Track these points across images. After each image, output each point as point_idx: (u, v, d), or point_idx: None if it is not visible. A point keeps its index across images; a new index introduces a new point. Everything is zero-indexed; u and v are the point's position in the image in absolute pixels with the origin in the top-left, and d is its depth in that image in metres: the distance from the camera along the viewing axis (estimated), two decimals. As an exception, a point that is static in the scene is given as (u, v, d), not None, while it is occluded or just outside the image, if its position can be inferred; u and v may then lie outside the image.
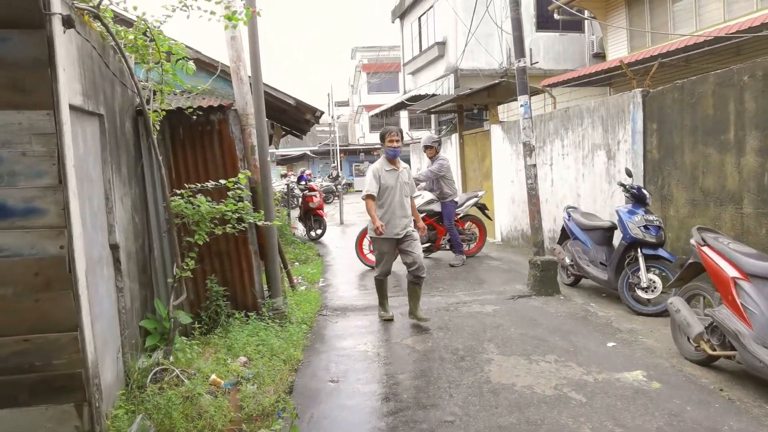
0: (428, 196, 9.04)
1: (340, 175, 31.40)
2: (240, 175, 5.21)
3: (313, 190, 13.17)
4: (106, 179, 4.20)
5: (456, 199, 8.95)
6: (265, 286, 6.14)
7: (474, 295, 6.64)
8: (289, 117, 11.27)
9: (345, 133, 53.26)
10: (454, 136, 13.14)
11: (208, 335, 5.26)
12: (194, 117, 5.56)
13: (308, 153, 40.07)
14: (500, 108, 11.48)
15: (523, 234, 10.21)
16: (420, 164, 17.19)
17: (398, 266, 6.22)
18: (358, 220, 16.73)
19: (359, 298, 6.95)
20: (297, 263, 9.69)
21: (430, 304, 6.29)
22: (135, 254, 4.97)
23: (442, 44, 18.99)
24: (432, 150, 9.04)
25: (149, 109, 4.78)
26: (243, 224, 5.44)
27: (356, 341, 5.27)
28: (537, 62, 18.45)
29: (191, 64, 5.24)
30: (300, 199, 13.65)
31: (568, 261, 6.94)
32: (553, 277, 6.60)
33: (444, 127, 16.90)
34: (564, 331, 5.17)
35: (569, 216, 7.09)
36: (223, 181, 5.16)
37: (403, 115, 43.86)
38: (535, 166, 6.69)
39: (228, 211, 5.19)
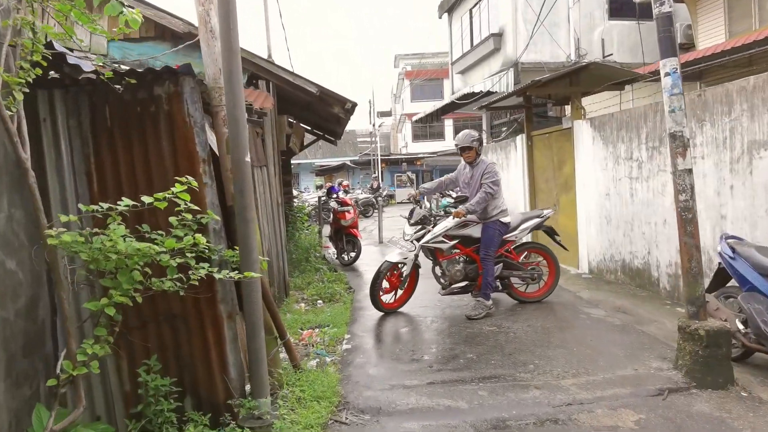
0: None
1: (381, 186, 29.13)
2: (178, 186, 2.86)
3: (346, 204, 10.83)
4: None
5: (505, 220, 6.35)
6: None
7: (592, 387, 4.02)
8: (315, 114, 8.98)
9: (387, 143, 51.20)
10: (520, 139, 10.59)
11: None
12: (128, 91, 3.31)
13: (348, 163, 38.02)
14: (585, 100, 8.88)
15: (625, 266, 7.56)
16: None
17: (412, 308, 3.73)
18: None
19: (405, 382, 4.33)
20: (320, 302, 7.33)
21: (520, 407, 3.76)
22: (9, 325, 2.72)
23: (498, 36, 16.49)
24: (472, 152, 6.35)
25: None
26: (206, 270, 3.11)
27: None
28: (611, 54, 15.74)
29: (130, 13, 3.02)
30: (331, 215, 11.32)
31: (739, 325, 4.32)
32: (725, 358, 3.96)
33: (504, 129, 14.38)
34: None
35: (733, 251, 4.47)
36: (148, 199, 2.82)
37: (448, 123, 41.56)
38: (690, 172, 4.11)
39: (164, 252, 2.86)
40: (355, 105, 7.04)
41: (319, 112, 8.48)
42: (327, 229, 12.93)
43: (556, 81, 8.84)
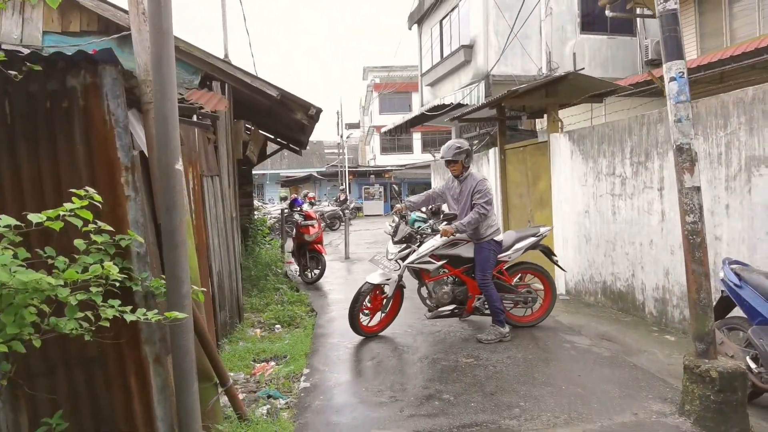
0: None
1: (348, 198, 28.49)
2: (75, 201, 2.20)
3: (310, 217, 10.16)
4: None
5: (499, 238, 5.81)
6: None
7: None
8: (277, 121, 8.33)
9: (355, 155, 50.68)
10: (492, 152, 10.14)
11: None
12: (34, 81, 2.64)
13: (314, 174, 37.27)
14: (562, 113, 8.46)
15: (606, 288, 7.10)
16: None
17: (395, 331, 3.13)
18: (366, 254, 13.67)
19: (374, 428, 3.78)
20: (278, 327, 6.64)
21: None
22: None
23: (469, 48, 16.13)
24: (458, 166, 5.76)
25: None
26: (114, 310, 2.44)
27: None
28: (582, 68, 15.50)
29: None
30: (294, 230, 10.63)
31: (750, 362, 3.83)
32: (740, 404, 3.44)
33: (476, 142, 13.94)
34: None
35: (739, 278, 4.00)
36: (36, 217, 2.14)
37: (416, 137, 41.27)
38: (698, 190, 3.61)
39: (60, 285, 2.19)
40: (319, 111, 6.43)
41: (281, 118, 7.83)
42: (291, 244, 12.22)
43: (532, 92, 8.41)
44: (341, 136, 36.73)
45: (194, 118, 5.15)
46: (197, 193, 5.00)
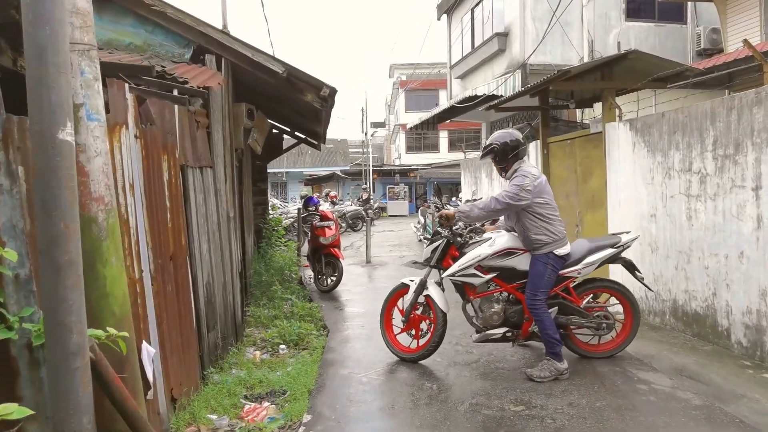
0: (504, 240, 4.73)
1: (371, 197, 27.43)
2: None
3: (327, 218, 9.11)
4: None
5: (561, 251, 4.54)
6: None
7: None
8: (287, 106, 7.28)
9: (380, 154, 49.71)
10: (533, 146, 8.96)
11: None
12: None
13: (338, 173, 36.26)
14: (620, 100, 7.23)
15: (677, 308, 5.88)
16: (479, 186, 13.00)
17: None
18: (389, 258, 12.55)
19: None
20: (282, 347, 5.59)
21: None
22: None
23: (503, 36, 14.94)
24: (504, 163, 4.64)
25: None
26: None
27: None
28: (628, 58, 14.21)
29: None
30: (309, 232, 9.59)
31: None
32: None
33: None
34: None
35: None
36: None
37: (442, 134, 40.07)
38: None
39: None
40: (334, 91, 5.34)
41: (291, 103, 6.79)
42: (305, 248, 11.19)
43: (584, 75, 7.23)
44: (365, 134, 35.73)
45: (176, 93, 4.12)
46: (175, 188, 3.95)
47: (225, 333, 5.16)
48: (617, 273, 5.99)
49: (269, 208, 15.93)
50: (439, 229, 5.01)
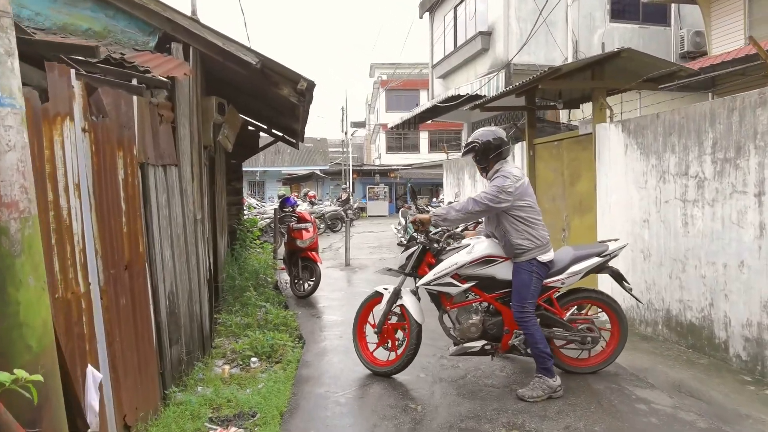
0: (483, 247, 4.40)
1: (351, 197, 27.02)
2: None
3: (304, 220, 8.70)
4: None
5: (544, 258, 4.24)
6: None
7: None
8: (263, 101, 6.88)
9: (360, 154, 49.34)
10: (519, 147, 8.67)
11: None
12: None
13: (317, 172, 35.79)
14: (610, 100, 6.96)
15: (671, 318, 5.61)
16: (462, 187, 12.67)
17: None
18: (369, 260, 12.16)
19: None
20: (254, 360, 5.19)
21: None
22: None
23: (487, 35, 14.68)
24: (483, 163, 4.38)
25: None
26: None
27: None
28: (612, 60, 14.05)
29: None
30: (285, 234, 9.17)
31: None
32: None
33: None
34: None
35: None
36: None
37: (423, 135, 39.80)
38: None
39: None
40: (312, 85, 4.95)
41: (268, 98, 6.39)
42: (282, 250, 10.75)
43: (574, 74, 6.95)
44: (345, 133, 35.32)
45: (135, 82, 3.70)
46: (132, 188, 3.54)
47: (191, 346, 4.74)
48: (606, 283, 5.71)
49: (245, 208, 15.46)
50: (414, 234, 4.73)
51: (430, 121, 18.59)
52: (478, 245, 4.39)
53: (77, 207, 2.82)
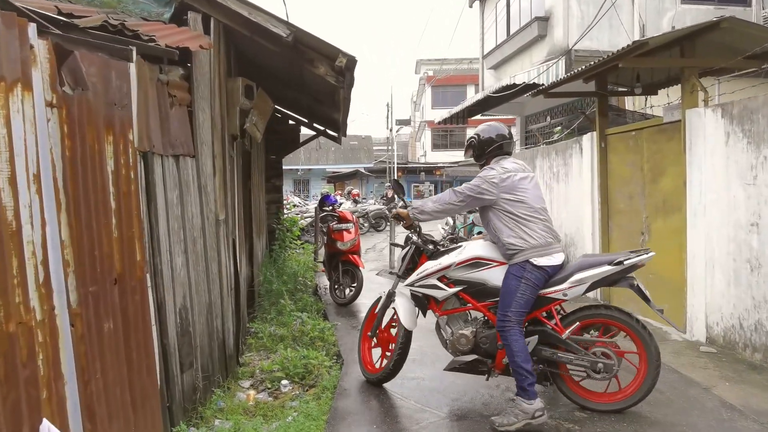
0: (473, 248, 3.96)
1: (396, 196, 26.23)
2: None
3: (345, 220, 7.95)
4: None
5: (541, 261, 3.64)
6: None
7: None
8: (300, 90, 6.16)
9: (405, 152, 48.59)
10: (588, 139, 7.66)
11: None
12: None
13: (361, 170, 35.17)
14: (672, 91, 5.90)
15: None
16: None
17: None
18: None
19: None
20: (285, 383, 4.44)
21: None
22: None
23: (544, 20, 13.60)
24: (485, 159, 4.01)
25: None
26: None
27: None
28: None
29: None
30: (325, 235, 8.44)
31: None
32: None
33: (559, 128, 11.44)
34: None
35: None
36: None
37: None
38: None
39: None
40: (352, 61, 4.15)
41: (305, 83, 5.65)
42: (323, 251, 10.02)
43: (659, 51, 5.93)
44: (390, 130, 34.61)
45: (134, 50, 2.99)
46: (128, 182, 2.82)
47: (209, 369, 4.03)
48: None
49: (287, 206, 14.85)
50: (409, 234, 4.39)
51: (479, 116, 17.62)
52: (470, 246, 4.01)
53: (35, 206, 2.11)
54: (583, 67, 6.54)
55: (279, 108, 9.35)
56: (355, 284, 7.67)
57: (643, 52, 5.64)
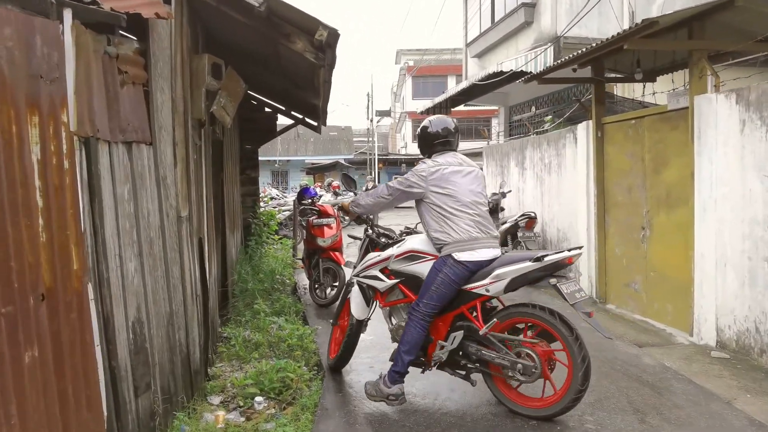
0: (411, 241, 4.08)
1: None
2: None
3: (326, 214, 7.43)
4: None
5: (463, 256, 3.60)
6: None
7: None
8: (277, 72, 5.62)
9: (385, 143, 48.08)
10: (583, 128, 7.22)
11: None
12: None
13: (342, 162, 34.58)
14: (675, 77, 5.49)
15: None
16: (507, 176, 11.28)
17: None
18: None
19: None
20: (259, 400, 3.93)
21: None
22: None
23: (530, 6, 13.16)
24: (429, 151, 4.05)
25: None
26: None
27: None
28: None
29: None
30: (304, 230, 7.91)
31: None
32: None
33: (549, 117, 11.01)
34: None
35: None
36: None
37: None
38: None
39: None
40: (334, 35, 3.60)
41: (282, 64, 5.10)
42: (302, 246, 9.48)
43: (664, 33, 5.51)
44: (371, 121, 34.08)
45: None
46: (61, 174, 2.27)
47: (171, 390, 3.50)
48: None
49: (263, 199, 14.25)
50: (366, 227, 4.56)
51: (462, 106, 17.21)
52: (410, 239, 4.10)
53: None
54: (584, 50, 6.09)
55: (254, 94, 8.77)
56: (336, 283, 7.15)
57: (649, 34, 5.19)
